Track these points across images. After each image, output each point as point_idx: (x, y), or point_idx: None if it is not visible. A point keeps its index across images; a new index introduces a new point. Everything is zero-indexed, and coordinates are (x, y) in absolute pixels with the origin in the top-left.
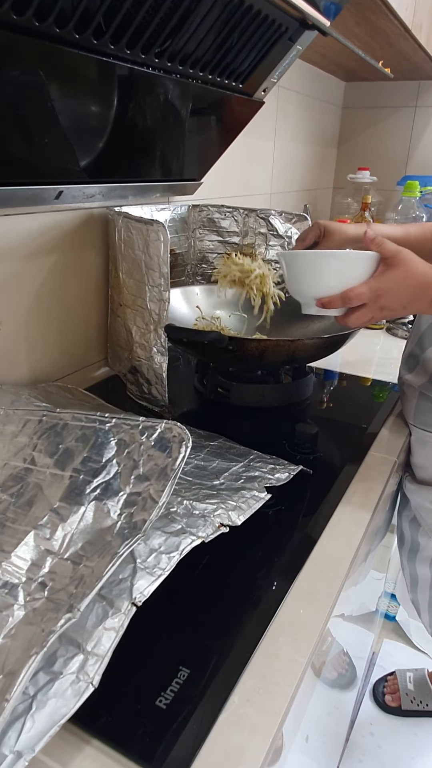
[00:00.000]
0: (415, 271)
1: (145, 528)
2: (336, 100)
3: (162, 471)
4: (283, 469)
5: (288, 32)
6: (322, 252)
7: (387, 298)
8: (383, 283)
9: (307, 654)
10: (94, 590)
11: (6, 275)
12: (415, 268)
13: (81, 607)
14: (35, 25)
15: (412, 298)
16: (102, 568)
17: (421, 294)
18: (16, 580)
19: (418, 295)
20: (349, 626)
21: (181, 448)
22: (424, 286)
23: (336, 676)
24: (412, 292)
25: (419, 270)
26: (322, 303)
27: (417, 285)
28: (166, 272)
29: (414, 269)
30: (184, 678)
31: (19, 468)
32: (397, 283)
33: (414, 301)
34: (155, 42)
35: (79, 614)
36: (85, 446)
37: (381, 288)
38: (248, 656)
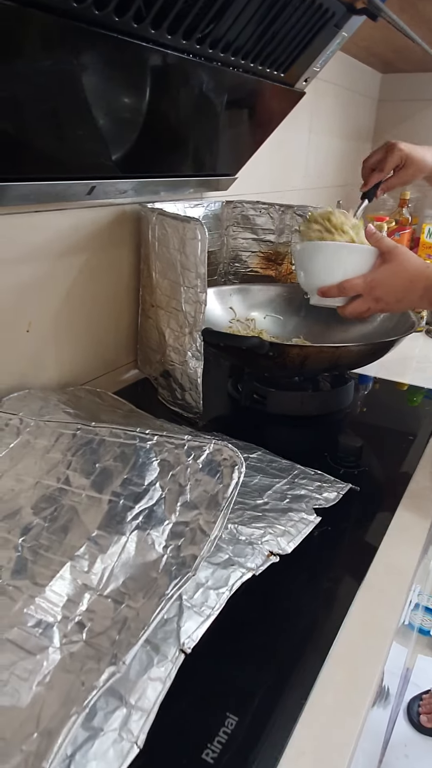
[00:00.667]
0: (407, 265)
1: (195, 565)
2: (372, 93)
3: (212, 499)
4: (330, 487)
5: (334, 18)
6: (324, 243)
7: (381, 290)
8: (377, 275)
9: (367, 699)
10: (141, 640)
11: (36, 275)
12: (407, 263)
13: (126, 660)
14: (73, 6)
15: (405, 291)
16: (148, 613)
17: (411, 287)
18: (51, 618)
19: (409, 288)
20: None
21: (233, 473)
22: (414, 280)
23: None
24: (405, 286)
25: (411, 264)
26: (322, 292)
27: (408, 278)
28: (204, 273)
29: (407, 263)
30: (232, 727)
31: (53, 488)
32: (392, 277)
33: (407, 294)
34: (197, 27)
35: (125, 668)
36: (125, 466)
37: (375, 280)
38: (303, 700)
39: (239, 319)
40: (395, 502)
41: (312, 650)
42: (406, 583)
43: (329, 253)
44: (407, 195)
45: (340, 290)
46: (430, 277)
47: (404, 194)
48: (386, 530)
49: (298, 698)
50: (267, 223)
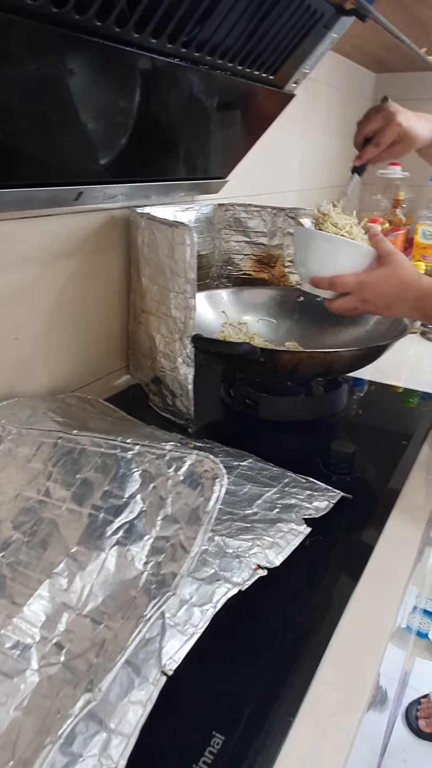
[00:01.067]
0: (401, 273)
1: (174, 584)
2: (366, 93)
3: (193, 512)
4: (321, 496)
5: (323, 19)
6: (326, 234)
7: (370, 292)
8: (370, 277)
9: (356, 719)
10: (117, 665)
11: (24, 281)
12: (401, 270)
13: (102, 687)
14: (53, 11)
15: (395, 298)
16: (126, 635)
17: (402, 295)
18: (29, 639)
19: (399, 296)
20: None
21: (214, 486)
22: (405, 288)
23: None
24: (395, 292)
25: (405, 272)
26: (313, 282)
27: (400, 286)
28: (193, 278)
29: (401, 271)
30: (218, 746)
31: (33, 500)
32: (384, 282)
33: (397, 300)
34: (182, 30)
35: (100, 695)
36: (106, 477)
37: (366, 281)
38: (291, 717)
39: (232, 323)
40: (388, 508)
41: (301, 664)
42: (399, 592)
43: (329, 245)
44: (401, 196)
45: (330, 284)
46: (422, 288)
47: (398, 195)
48: (378, 538)
49: (287, 715)
50: (259, 226)
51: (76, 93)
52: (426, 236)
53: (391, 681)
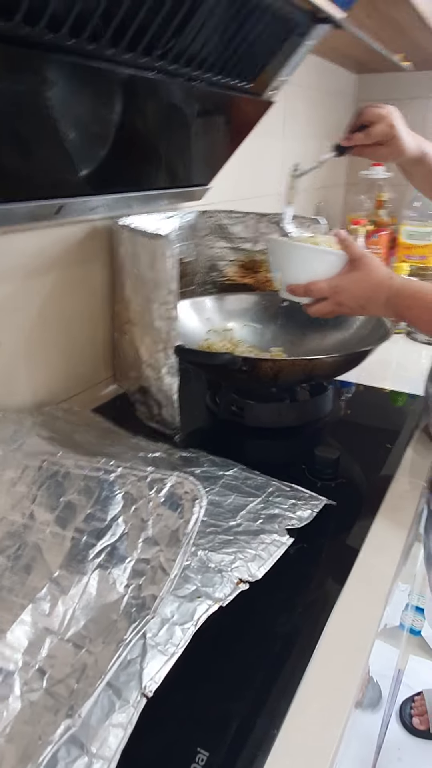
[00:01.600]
0: (372, 275)
1: (154, 607)
2: (347, 94)
3: (173, 534)
4: (304, 505)
5: (298, 27)
6: (300, 244)
7: (344, 296)
8: (342, 281)
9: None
10: (97, 690)
11: (5, 295)
12: (372, 272)
13: (82, 713)
14: (25, 31)
15: (367, 299)
16: (106, 659)
17: (374, 296)
18: (12, 665)
19: (371, 297)
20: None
21: (194, 507)
22: (377, 289)
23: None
24: (367, 294)
25: (376, 274)
26: (290, 289)
27: (371, 288)
28: (175, 289)
29: (372, 273)
30: (203, 762)
31: (18, 524)
32: (356, 285)
33: (369, 302)
34: (157, 43)
35: (80, 721)
36: (89, 500)
37: (339, 286)
38: (275, 731)
39: (216, 330)
40: (373, 512)
41: (286, 674)
42: (383, 596)
43: (300, 255)
44: (384, 196)
45: (306, 291)
46: (392, 288)
47: (380, 196)
48: (363, 542)
49: (271, 728)
50: (242, 232)
51: (53, 108)
52: (410, 236)
53: (385, 679)
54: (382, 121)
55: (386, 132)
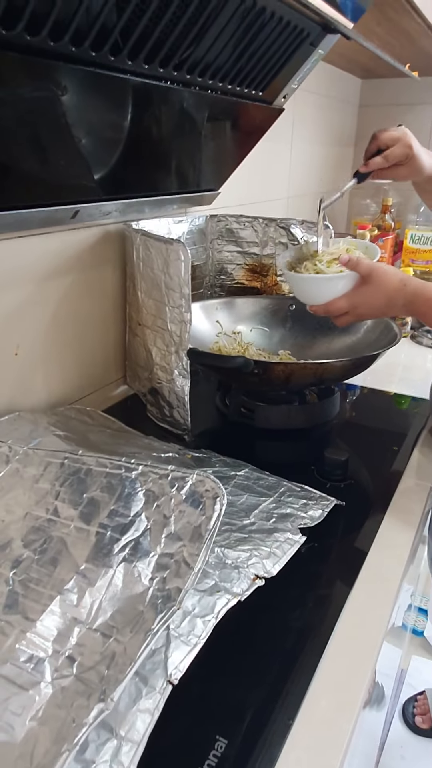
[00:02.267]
0: (385, 285)
1: (180, 599)
2: (353, 99)
3: (196, 530)
4: (315, 505)
5: (310, 37)
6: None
7: (363, 308)
8: (358, 297)
9: (352, 720)
10: (128, 676)
11: (22, 299)
12: (385, 283)
13: (114, 697)
14: (50, 45)
15: (387, 307)
16: (135, 648)
17: (391, 303)
18: (42, 653)
19: (389, 305)
20: None
21: (215, 505)
22: (392, 297)
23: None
24: (384, 303)
25: (389, 284)
26: (312, 310)
27: (387, 297)
28: (188, 293)
29: (385, 284)
30: (221, 750)
31: (42, 519)
32: (371, 297)
33: (388, 309)
34: (174, 55)
35: (113, 705)
36: (111, 497)
37: (356, 301)
38: (291, 720)
39: (226, 333)
40: (381, 513)
41: (299, 668)
42: (392, 595)
43: (312, 284)
44: (389, 201)
45: (326, 311)
46: (407, 295)
47: (386, 200)
48: (372, 542)
49: (286, 718)
50: (251, 236)
51: (71, 116)
52: (415, 240)
53: (388, 679)
54: (398, 143)
55: (404, 153)
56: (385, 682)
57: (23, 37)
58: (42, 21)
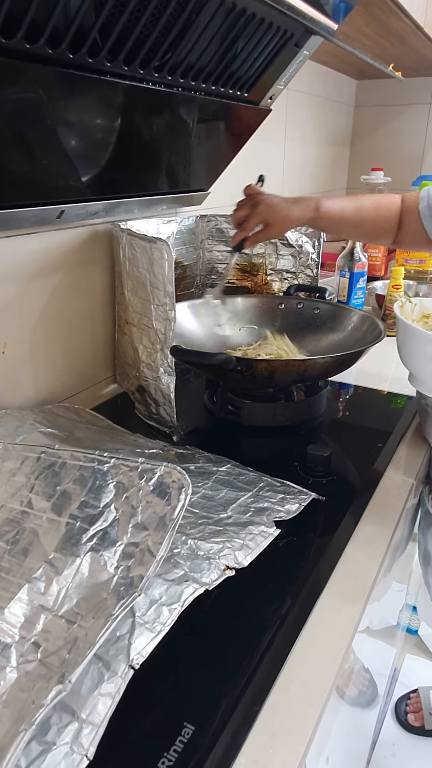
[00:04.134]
0: None
1: (141, 586)
2: (348, 99)
3: (161, 520)
4: (293, 499)
5: (294, 38)
6: None
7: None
8: None
9: (320, 705)
10: (86, 659)
11: (9, 297)
12: None
13: (72, 679)
14: (25, 47)
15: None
16: (96, 632)
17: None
18: (9, 639)
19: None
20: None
21: (180, 495)
22: None
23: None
24: None
25: None
26: None
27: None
28: (171, 291)
29: None
30: (188, 736)
31: (16, 511)
32: None
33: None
34: (154, 56)
35: (70, 686)
36: (83, 489)
37: None
38: (258, 707)
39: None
40: (361, 508)
41: (270, 658)
42: (367, 588)
43: None
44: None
45: None
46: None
47: None
48: (350, 537)
49: (254, 705)
50: None
51: (56, 117)
52: None
53: (381, 677)
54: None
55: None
56: (378, 680)
57: None
58: (17, 23)
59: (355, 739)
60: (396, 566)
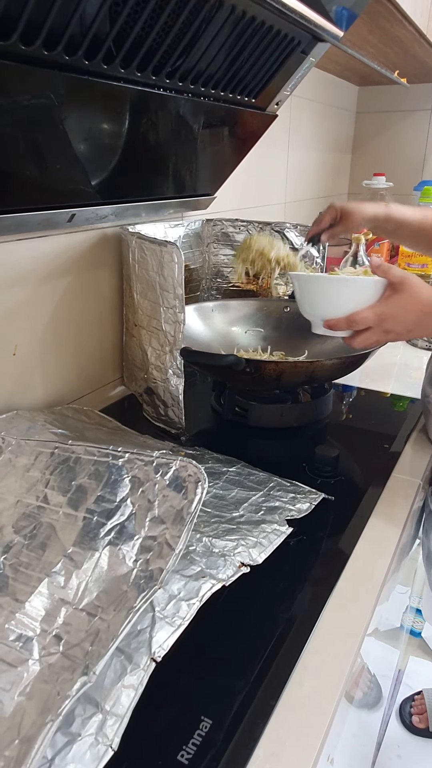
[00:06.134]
0: (420, 297)
1: (161, 578)
2: (350, 105)
3: (178, 514)
4: (303, 498)
5: (301, 45)
6: (331, 276)
7: (391, 322)
8: (388, 307)
9: (334, 700)
10: (110, 651)
11: (20, 300)
12: (420, 294)
13: (97, 670)
14: (44, 54)
15: (416, 323)
16: (118, 624)
17: (425, 320)
18: (31, 632)
19: (422, 321)
20: (374, 643)
21: (197, 489)
22: (427, 311)
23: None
24: (417, 317)
25: (424, 296)
26: (329, 325)
27: (421, 311)
28: (181, 294)
29: (419, 295)
30: (206, 729)
31: (32, 506)
32: (403, 309)
33: (418, 325)
34: (166, 63)
35: (95, 678)
36: (99, 484)
37: (386, 312)
38: (273, 702)
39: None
40: (370, 508)
41: (284, 654)
42: (377, 587)
43: (335, 287)
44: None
45: (348, 323)
46: None
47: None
48: (359, 537)
49: (270, 700)
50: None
51: (68, 123)
52: None
53: (386, 679)
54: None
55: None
56: (382, 682)
57: (18, 46)
58: (36, 31)
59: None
60: (402, 568)
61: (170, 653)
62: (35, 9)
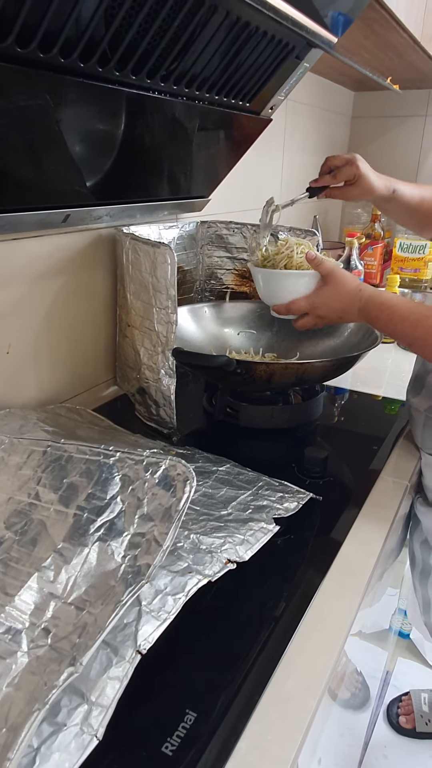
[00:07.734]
0: (343, 288)
1: (148, 574)
2: (345, 110)
3: (166, 511)
4: (291, 498)
5: (295, 50)
6: (276, 271)
7: (322, 310)
8: (318, 297)
9: (316, 697)
10: (97, 642)
11: (14, 299)
12: (343, 286)
13: (83, 661)
14: (39, 56)
15: (343, 311)
16: (105, 618)
17: (348, 308)
18: (20, 625)
19: (346, 309)
20: (362, 644)
21: (185, 487)
22: (350, 301)
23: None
24: (342, 305)
25: (347, 287)
26: (275, 310)
27: (345, 300)
28: (174, 294)
29: (343, 286)
30: (191, 722)
31: (24, 503)
32: (330, 298)
33: (345, 312)
34: (161, 66)
35: (81, 668)
36: (90, 482)
37: (316, 302)
38: (257, 697)
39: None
40: (357, 508)
41: (269, 650)
42: (362, 585)
43: (276, 280)
44: (379, 211)
45: (287, 310)
46: (362, 299)
47: (376, 210)
48: (346, 536)
49: (254, 695)
50: (240, 242)
51: (63, 125)
52: (404, 249)
53: (374, 680)
54: (347, 164)
55: (352, 173)
56: (370, 683)
57: (14, 48)
58: (32, 33)
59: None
60: (390, 571)
61: (157, 648)
62: (31, 11)
